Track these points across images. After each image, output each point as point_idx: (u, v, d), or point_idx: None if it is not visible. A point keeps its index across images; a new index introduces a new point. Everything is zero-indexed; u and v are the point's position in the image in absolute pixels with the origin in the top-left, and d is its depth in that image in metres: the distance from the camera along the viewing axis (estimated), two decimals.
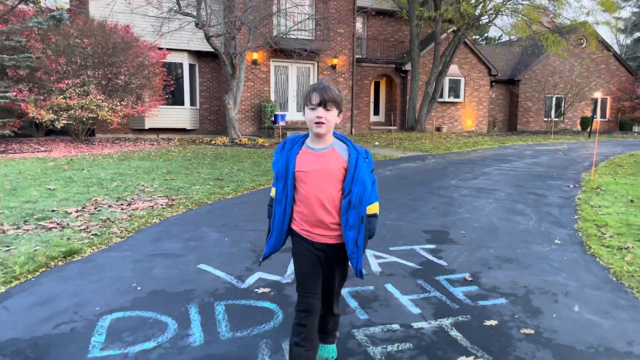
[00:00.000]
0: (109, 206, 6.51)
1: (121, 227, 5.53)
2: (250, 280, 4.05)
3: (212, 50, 17.59)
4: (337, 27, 20.42)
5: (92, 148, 14.11)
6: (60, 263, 4.36)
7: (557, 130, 28.82)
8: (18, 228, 5.32)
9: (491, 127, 29.74)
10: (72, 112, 13.42)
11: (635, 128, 32.10)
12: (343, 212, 2.36)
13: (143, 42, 15.64)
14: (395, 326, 3.27)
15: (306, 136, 2.46)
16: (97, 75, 13.99)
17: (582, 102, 30.55)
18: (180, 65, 19.59)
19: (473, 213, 6.62)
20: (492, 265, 4.53)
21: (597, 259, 4.72)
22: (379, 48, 26.02)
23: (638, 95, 30.24)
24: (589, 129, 27.08)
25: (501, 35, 43.08)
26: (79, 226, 5.46)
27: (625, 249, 4.93)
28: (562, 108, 30.17)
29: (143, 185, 8.04)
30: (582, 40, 30.42)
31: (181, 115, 19.82)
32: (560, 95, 29.99)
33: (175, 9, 15.57)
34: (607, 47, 31.31)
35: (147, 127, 18.83)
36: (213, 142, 16.46)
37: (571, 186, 8.78)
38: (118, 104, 14.45)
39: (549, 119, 30.06)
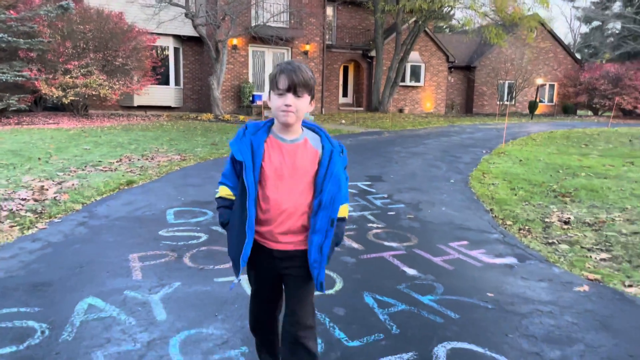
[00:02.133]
0: (138, 159, 8.84)
1: (154, 171, 7.90)
2: None
3: (195, 35, 19.75)
4: (309, 17, 22.69)
5: (92, 122, 16.17)
6: (125, 187, 6.74)
7: (507, 113, 31.88)
8: (83, 170, 7.63)
9: (449, 109, 32.58)
10: (77, 89, 15.44)
11: (579, 112, 35.51)
12: (312, 213, 2.00)
13: (135, 28, 17.61)
14: None
15: (271, 121, 2.05)
16: (98, 57, 16.01)
17: (532, 87, 33.63)
18: (167, 48, 21.62)
19: (403, 167, 9.22)
20: (403, 191, 7.12)
21: (472, 189, 7.37)
22: (348, 35, 28.36)
23: (581, 82, 33.45)
24: (534, 112, 30.18)
25: (463, 24, 45.69)
26: (124, 169, 7.80)
27: (493, 184, 7.60)
28: (514, 93, 33.21)
29: (156, 147, 10.35)
30: (532, 31, 33.39)
31: (167, 94, 21.91)
32: (512, 81, 32.98)
33: (166, 0, 17.64)
34: (555, 37, 34.45)
35: (135, 105, 20.86)
36: (199, 118, 18.68)
37: (484, 152, 11.49)
38: (116, 83, 16.50)
39: (501, 103, 33.09)
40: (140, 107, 21.14)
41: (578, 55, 50.68)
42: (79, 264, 3.96)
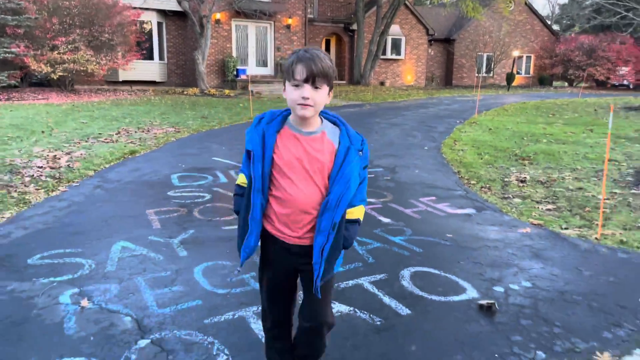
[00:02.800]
0: (135, 132, 9.44)
1: (152, 142, 8.53)
2: None
3: (179, 9, 20.01)
4: None
5: (80, 97, 16.55)
6: (129, 157, 7.39)
7: (485, 85, 32.72)
8: (86, 142, 8.23)
9: (429, 82, 33.30)
10: (65, 65, 15.77)
11: (555, 83, 36.54)
12: (320, 213, 1.88)
13: (119, 2, 17.83)
14: None
15: (288, 111, 1.91)
16: (84, 33, 16.29)
17: (509, 59, 34.46)
18: (150, 23, 21.83)
19: (382, 136, 9.99)
20: (381, 157, 7.90)
21: (443, 155, 8.18)
22: (330, 9, 28.71)
23: (557, 53, 34.37)
24: (511, 84, 31.09)
25: None
26: (124, 141, 8.42)
27: (462, 150, 8.42)
28: (492, 65, 34.02)
29: (150, 121, 10.93)
30: (509, 4, 34.04)
31: (151, 69, 22.21)
32: (490, 54, 33.74)
33: None
34: (532, 10, 35.19)
35: (121, 80, 21.15)
36: (185, 92, 19.12)
37: (458, 122, 12.31)
38: (103, 58, 16.83)
39: (479, 75, 33.90)
40: (125, 82, 21.43)
41: (556, 27, 51.68)
42: (104, 218, 4.67)
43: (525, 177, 6.82)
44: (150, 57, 22.09)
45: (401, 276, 3.57)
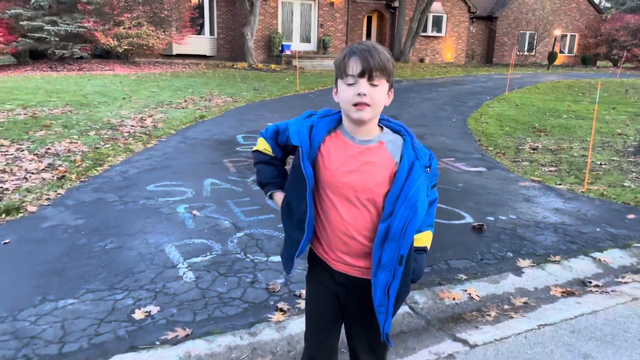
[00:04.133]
0: (199, 100, 10.88)
1: (216, 109, 9.93)
2: None
3: None
4: None
5: (141, 69, 18.17)
6: (199, 120, 8.81)
7: (526, 64, 32.81)
8: (161, 107, 9.71)
9: (469, 59, 33.62)
10: (130, 39, 17.38)
11: (599, 63, 36.12)
12: (377, 243, 1.56)
13: None
14: None
15: (340, 115, 1.63)
16: (146, 10, 17.82)
17: (552, 38, 34.29)
18: (202, 0, 23.24)
19: (416, 109, 11.09)
20: (412, 127, 9.04)
21: (468, 126, 9.26)
22: None
23: (602, 32, 33.94)
24: (552, 63, 31.11)
25: None
26: (193, 108, 9.86)
27: (486, 123, 9.47)
28: (534, 43, 33.96)
29: (209, 91, 12.36)
30: None
31: (203, 44, 23.71)
32: (532, 32, 33.67)
33: None
34: None
35: (174, 53, 22.73)
36: (234, 66, 20.53)
37: (488, 98, 13.21)
38: (162, 33, 18.37)
39: (521, 53, 33.93)
40: (179, 56, 23.00)
41: (608, 5, 50.25)
42: (192, 164, 6.08)
43: (537, 146, 7.86)
44: (202, 33, 23.58)
45: None
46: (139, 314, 2.86)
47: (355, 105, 1.50)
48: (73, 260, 3.48)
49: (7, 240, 3.76)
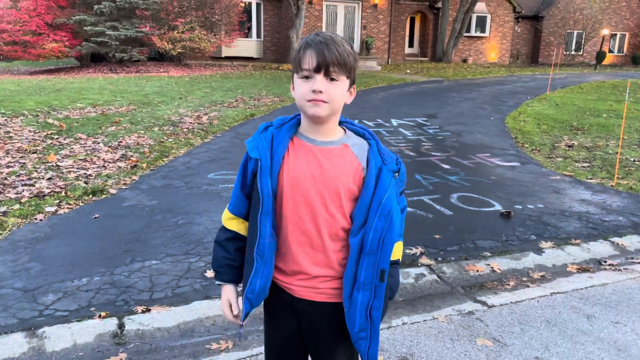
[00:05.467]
0: (249, 100, 11.60)
1: (265, 108, 10.61)
2: None
3: None
4: None
5: (193, 70, 19.18)
6: (250, 118, 9.50)
7: (573, 63, 32.19)
8: (215, 106, 10.47)
9: (514, 59, 33.27)
10: (184, 43, 18.42)
11: None
12: (351, 259, 1.43)
13: None
14: (397, 137, 8.25)
15: (298, 119, 1.50)
16: (198, 15, 18.82)
17: (601, 37, 33.47)
18: (250, 4, 24.17)
19: (455, 108, 11.44)
20: (451, 124, 9.44)
21: (505, 124, 9.57)
22: None
23: None
24: (601, 63, 30.42)
25: None
26: (243, 107, 10.58)
27: (524, 121, 9.74)
28: (582, 42, 33.26)
29: (257, 91, 13.09)
30: None
31: (250, 46, 24.63)
32: (580, 31, 32.99)
33: None
34: None
35: (223, 56, 23.75)
36: (280, 68, 21.29)
37: (529, 97, 13.36)
38: (212, 37, 19.34)
39: (568, 53, 33.30)
40: (227, 58, 24.01)
41: None
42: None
43: (573, 143, 8.11)
44: (249, 36, 24.51)
45: (450, 197, 5.28)
46: (209, 273, 3.47)
47: (309, 100, 1.37)
48: (152, 232, 4.15)
49: (96, 215, 4.49)
